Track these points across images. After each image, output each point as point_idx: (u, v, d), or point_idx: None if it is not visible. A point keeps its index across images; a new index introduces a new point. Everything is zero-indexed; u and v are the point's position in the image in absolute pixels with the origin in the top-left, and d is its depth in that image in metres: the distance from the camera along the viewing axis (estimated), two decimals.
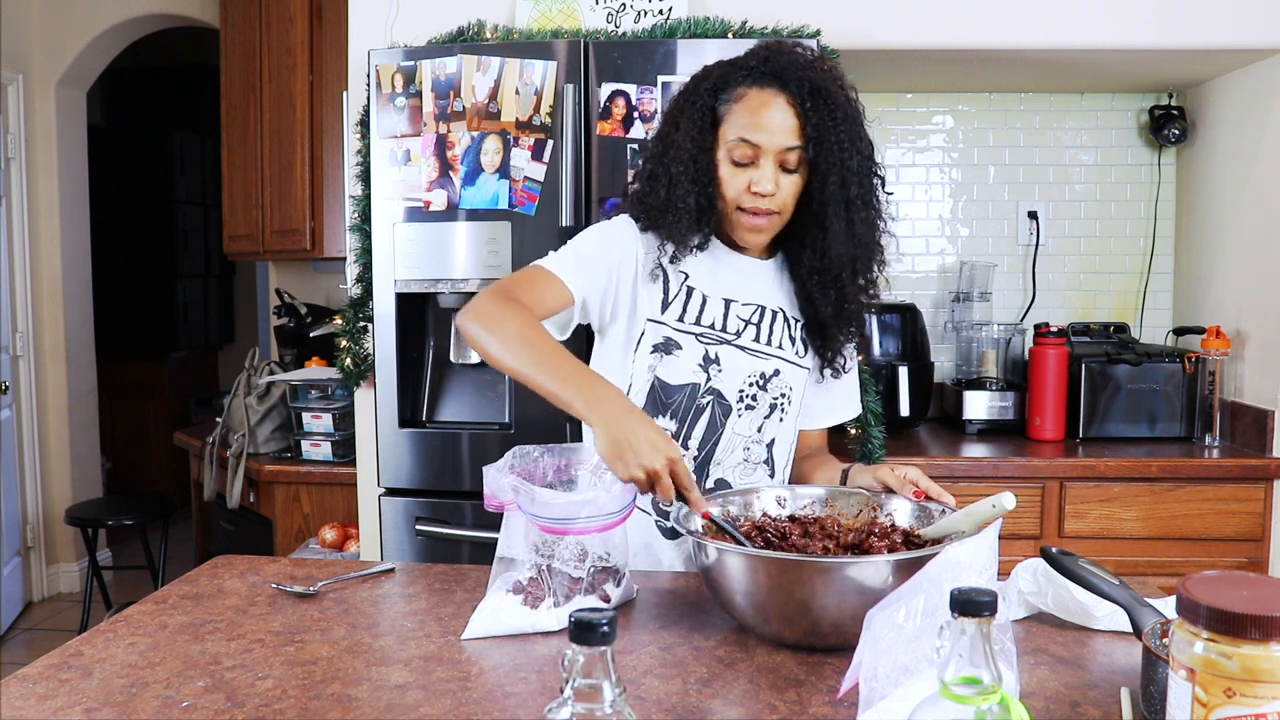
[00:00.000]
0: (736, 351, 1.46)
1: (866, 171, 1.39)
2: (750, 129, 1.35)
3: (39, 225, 4.22)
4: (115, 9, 4.21)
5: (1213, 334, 2.66)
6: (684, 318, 1.45)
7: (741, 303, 1.47)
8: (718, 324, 1.46)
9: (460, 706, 0.99)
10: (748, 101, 1.36)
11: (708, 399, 1.46)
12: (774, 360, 1.48)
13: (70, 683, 1.05)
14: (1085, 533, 2.46)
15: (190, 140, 6.18)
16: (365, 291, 2.43)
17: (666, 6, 2.38)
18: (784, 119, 1.35)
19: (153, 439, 5.71)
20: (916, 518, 1.29)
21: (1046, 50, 2.53)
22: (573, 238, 1.48)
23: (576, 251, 1.44)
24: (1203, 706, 0.71)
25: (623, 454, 1.17)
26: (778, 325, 1.49)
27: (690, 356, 1.45)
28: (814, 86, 1.34)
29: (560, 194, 2.18)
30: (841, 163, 1.35)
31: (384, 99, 2.26)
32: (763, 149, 1.36)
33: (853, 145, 1.36)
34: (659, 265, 1.45)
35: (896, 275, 3.17)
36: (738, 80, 1.38)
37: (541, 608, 1.18)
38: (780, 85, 1.35)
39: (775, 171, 1.37)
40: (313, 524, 2.90)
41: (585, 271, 1.42)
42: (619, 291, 1.45)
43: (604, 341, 1.51)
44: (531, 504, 1.18)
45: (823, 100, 1.34)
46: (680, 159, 1.38)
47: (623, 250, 1.45)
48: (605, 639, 0.67)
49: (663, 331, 1.45)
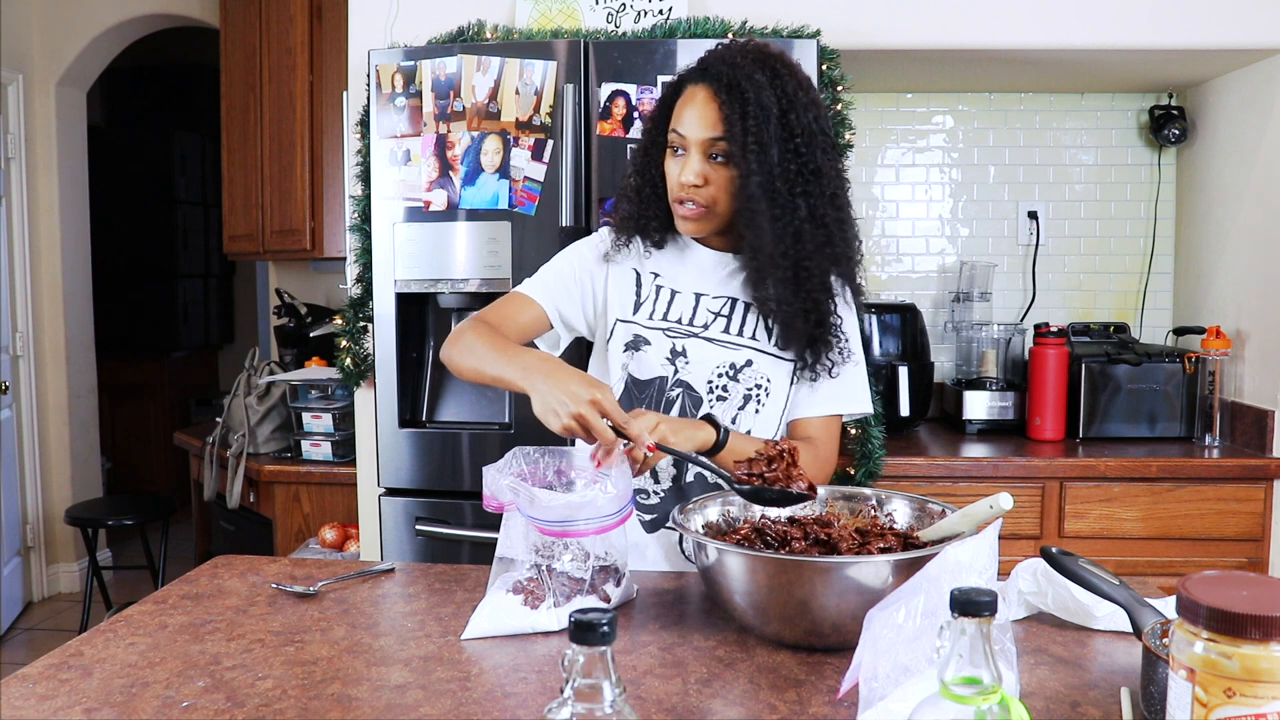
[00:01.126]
0: (704, 344, 1.47)
1: (793, 168, 1.36)
2: (679, 121, 1.40)
3: (39, 225, 4.22)
4: (115, 9, 4.21)
5: (1213, 334, 2.66)
6: (653, 315, 1.48)
7: (712, 295, 1.49)
8: (685, 318, 1.48)
9: (460, 706, 0.99)
10: (684, 96, 1.41)
11: (677, 391, 1.47)
12: (745, 351, 1.47)
13: (70, 683, 1.05)
14: (1085, 533, 2.46)
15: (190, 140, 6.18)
16: (365, 291, 2.43)
17: (666, 6, 2.38)
18: (707, 111, 1.37)
19: (153, 439, 5.72)
20: (916, 518, 1.29)
21: (1046, 50, 2.53)
22: (551, 261, 1.57)
23: (547, 268, 1.55)
24: (1203, 706, 0.71)
25: (551, 407, 1.21)
26: (750, 316, 1.48)
27: (658, 351, 1.47)
28: (731, 81, 1.35)
29: (560, 194, 2.18)
30: (746, 157, 1.34)
31: (384, 99, 2.26)
32: (688, 139, 1.39)
33: (764, 138, 1.34)
34: (631, 267, 1.51)
35: (896, 275, 3.18)
36: (685, 77, 1.43)
37: (541, 608, 1.18)
38: (706, 80, 1.38)
39: (702, 163, 1.39)
40: (313, 524, 2.90)
41: (553, 283, 1.51)
42: (595, 297, 1.52)
43: (595, 349, 1.57)
44: (530, 506, 1.18)
45: (738, 96, 1.34)
46: (639, 155, 1.48)
47: (594, 259, 1.53)
48: (605, 639, 0.67)
49: (632, 330, 1.48)
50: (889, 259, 3.18)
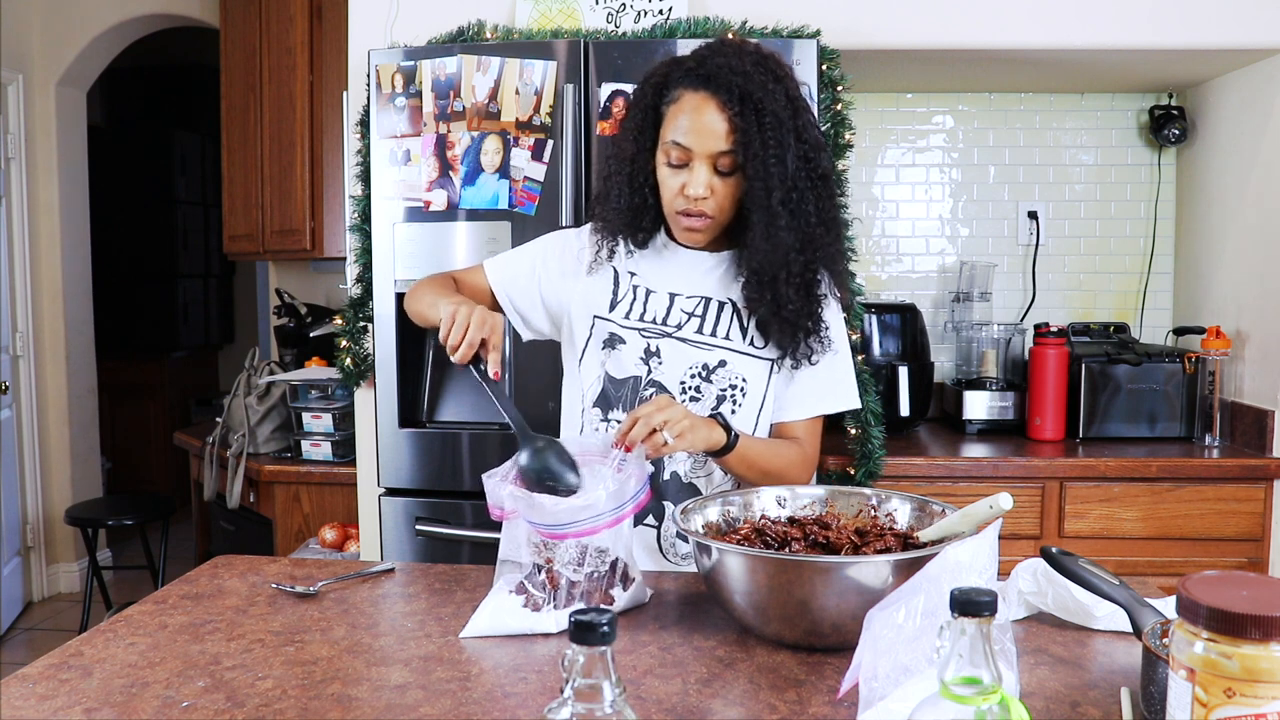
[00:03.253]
0: (678, 344, 1.48)
1: (803, 174, 1.37)
2: (683, 133, 1.37)
3: (39, 225, 4.22)
4: (115, 9, 4.21)
5: (1213, 334, 2.66)
6: (629, 314, 1.49)
7: (686, 295, 1.49)
8: (659, 318, 1.49)
9: (460, 706, 0.99)
10: (682, 104, 1.38)
11: (650, 391, 1.48)
12: (719, 351, 1.48)
13: (70, 683, 1.05)
14: (1085, 533, 2.46)
15: (190, 140, 6.18)
16: (365, 291, 2.43)
17: (666, 6, 2.38)
18: (715, 123, 1.35)
19: (153, 439, 5.72)
20: (916, 518, 1.29)
21: (1046, 50, 2.53)
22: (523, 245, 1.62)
23: (516, 254, 1.59)
24: (1203, 706, 0.71)
25: (442, 330, 1.30)
26: (725, 316, 1.49)
27: (633, 351, 1.48)
28: (744, 92, 1.33)
29: (560, 194, 2.18)
30: (767, 168, 1.34)
31: (384, 99, 2.26)
32: (694, 152, 1.37)
33: (783, 149, 1.34)
34: (610, 265, 1.51)
35: (896, 275, 3.18)
36: (676, 81, 1.39)
37: (543, 610, 1.18)
38: (712, 89, 1.35)
39: (709, 175, 1.38)
40: (313, 524, 2.90)
41: (509, 270, 1.57)
42: (555, 293, 1.54)
43: (564, 344, 1.59)
44: (530, 511, 1.18)
45: (752, 106, 1.33)
46: (622, 159, 1.44)
47: (561, 253, 1.55)
48: (605, 639, 0.67)
49: (608, 328, 1.49)
50: (889, 259, 3.18)
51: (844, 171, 2.31)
